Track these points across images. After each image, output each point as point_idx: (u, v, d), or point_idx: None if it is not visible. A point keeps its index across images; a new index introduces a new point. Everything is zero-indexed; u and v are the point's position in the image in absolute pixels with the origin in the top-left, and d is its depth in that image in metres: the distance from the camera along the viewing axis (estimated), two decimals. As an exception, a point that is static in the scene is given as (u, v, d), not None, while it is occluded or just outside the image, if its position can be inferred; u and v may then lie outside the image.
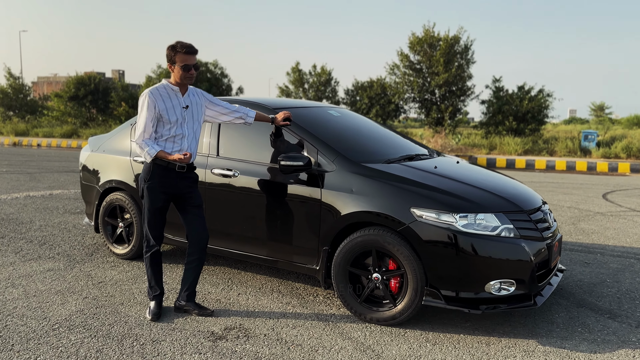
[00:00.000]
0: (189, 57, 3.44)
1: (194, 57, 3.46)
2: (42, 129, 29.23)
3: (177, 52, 3.43)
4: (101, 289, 4.14)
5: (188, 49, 3.43)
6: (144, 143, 3.43)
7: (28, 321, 3.50)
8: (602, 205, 8.62)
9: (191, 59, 3.45)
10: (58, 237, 5.80)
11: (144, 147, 3.43)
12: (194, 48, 3.46)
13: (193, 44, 3.46)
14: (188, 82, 3.51)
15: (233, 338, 3.28)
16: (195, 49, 3.47)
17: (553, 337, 3.37)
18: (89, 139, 5.60)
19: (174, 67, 3.46)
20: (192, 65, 3.44)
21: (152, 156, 3.42)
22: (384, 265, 3.50)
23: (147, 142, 3.43)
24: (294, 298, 4.01)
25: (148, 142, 3.43)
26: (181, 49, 3.42)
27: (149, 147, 3.42)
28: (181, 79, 3.46)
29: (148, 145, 3.42)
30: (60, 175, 11.54)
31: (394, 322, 3.45)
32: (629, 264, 5.06)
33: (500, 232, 3.32)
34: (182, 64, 3.42)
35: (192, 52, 3.45)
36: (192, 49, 3.45)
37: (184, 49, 3.42)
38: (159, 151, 3.43)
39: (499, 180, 4.03)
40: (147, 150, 3.42)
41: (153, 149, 3.42)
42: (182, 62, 3.42)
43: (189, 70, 3.44)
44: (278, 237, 3.98)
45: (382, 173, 3.64)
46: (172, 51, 3.45)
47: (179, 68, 3.43)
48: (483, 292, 3.28)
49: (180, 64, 3.42)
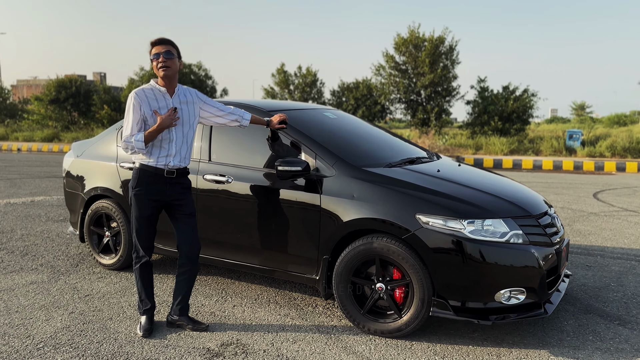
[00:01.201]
0: (158, 47, 3.32)
1: (163, 46, 3.32)
2: (22, 133, 28.64)
3: (151, 47, 3.35)
4: (88, 303, 3.92)
5: (158, 39, 3.35)
6: (129, 137, 3.25)
7: (10, 340, 3.28)
8: (594, 205, 8.58)
9: (160, 47, 3.31)
10: (41, 247, 5.55)
11: (130, 140, 3.24)
12: (162, 38, 3.35)
13: (166, 37, 3.37)
14: (165, 73, 3.30)
15: (230, 355, 3.10)
16: (165, 39, 3.35)
17: (564, 346, 3.24)
18: (73, 144, 5.36)
19: (152, 63, 3.35)
20: (160, 52, 3.29)
21: (142, 141, 3.22)
22: (388, 275, 3.35)
23: (130, 136, 3.25)
24: (292, 309, 3.84)
25: (130, 136, 3.25)
26: (151, 42, 3.35)
27: (134, 137, 3.23)
28: (156, 68, 3.32)
29: (132, 137, 3.24)
30: (42, 181, 11.20)
31: (399, 334, 3.30)
32: (631, 266, 4.98)
33: (509, 238, 3.18)
34: (153, 53, 3.32)
35: (161, 42, 3.33)
36: (161, 39, 3.35)
37: (154, 40, 3.35)
38: (144, 133, 3.25)
39: (504, 183, 3.90)
40: (135, 138, 3.23)
41: (139, 135, 3.23)
42: (153, 53, 3.32)
43: (158, 57, 3.29)
44: (275, 246, 3.80)
45: (385, 178, 3.48)
46: (149, 49, 3.36)
47: (152, 61, 3.33)
48: (492, 301, 3.14)
49: (151, 55, 3.33)
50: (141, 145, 3.22)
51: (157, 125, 3.24)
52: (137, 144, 3.22)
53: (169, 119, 3.27)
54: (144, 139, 3.22)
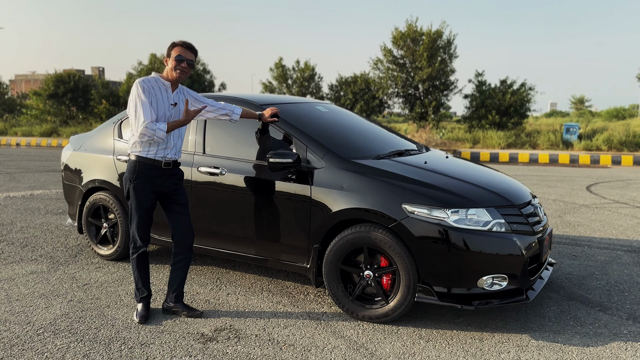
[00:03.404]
0: (185, 51, 3.44)
1: (190, 53, 3.45)
2: (21, 127, 28.73)
3: (175, 45, 3.45)
4: (86, 292, 4.04)
5: (187, 43, 3.47)
6: (152, 124, 3.30)
7: (11, 326, 3.39)
8: (586, 197, 8.70)
9: (187, 53, 3.44)
10: (40, 238, 5.66)
11: (153, 127, 3.29)
12: (191, 45, 3.48)
13: (193, 44, 3.48)
14: (178, 76, 3.42)
15: (224, 339, 3.22)
16: (193, 47, 3.49)
17: (546, 331, 3.37)
18: (71, 138, 5.46)
19: (169, 59, 3.44)
20: (185, 59, 3.41)
21: (164, 131, 3.31)
22: (376, 263, 3.47)
23: (153, 124, 3.31)
24: (284, 297, 3.96)
25: (153, 124, 3.31)
26: (180, 43, 3.45)
27: (158, 125, 3.31)
28: (172, 69, 3.42)
29: (156, 125, 3.31)
30: (41, 175, 11.31)
31: (386, 320, 3.42)
32: (616, 256, 5.10)
33: (491, 227, 3.30)
34: (176, 54, 3.41)
35: (190, 48, 3.46)
36: (190, 45, 3.48)
37: (182, 43, 3.45)
38: (168, 123, 3.36)
39: (489, 174, 4.02)
40: (158, 127, 3.30)
41: (162, 124, 3.33)
42: (176, 54, 3.41)
43: (181, 61, 3.40)
44: (267, 236, 3.91)
45: (373, 169, 3.59)
46: (171, 45, 3.47)
47: (172, 59, 3.42)
48: (475, 287, 3.26)
49: (174, 55, 3.41)
50: (162, 135, 3.32)
51: (184, 119, 3.39)
52: (159, 133, 3.31)
53: (195, 114, 3.43)
54: (167, 129, 3.33)
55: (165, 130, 3.33)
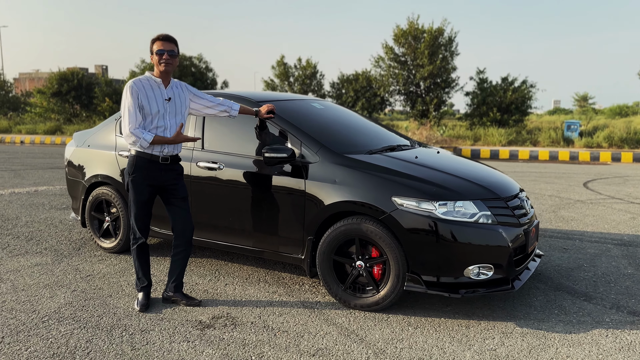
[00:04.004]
0: (163, 43, 3.55)
1: (168, 44, 3.56)
2: (25, 125, 28.95)
3: (154, 41, 3.57)
4: (89, 282, 4.19)
5: (163, 35, 3.58)
6: (138, 131, 3.46)
7: (17, 314, 3.54)
8: (582, 193, 8.81)
9: (165, 44, 3.55)
10: (45, 232, 5.82)
11: (139, 135, 3.45)
12: (168, 36, 3.59)
13: (171, 34, 3.59)
14: (164, 68, 3.55)
15: (220, 326, 3.36)
16: (171, 37, 3.59)
17: (530, 319, 3.50)
18: (74, 134, 5.61)
19: (153, 56, 3.58)
20: (165, 50, 3.53)
21: (149, 142, 3.46)
22: (367, 253, 3.60)
23: (140, 130, 3.46)
24: (280, 287, 4.10)
25: (140, 130, 3.47)
26: (157, 37, 3.57)
27: (144, 134, 3.46)
28: (157, 63, 3.55)
29: (142, 133, 3.46)
30: (45, 172, 11.48)
31: (377, 308, 3.56)
32: (606, 249, 5.22)
33: (478, 218, 3.43)
34: (157, 48, 3.54)
35: (166, 39, 3.57)
36: (167, 36, 3.58)
37: (160, 36, 3.57)
38: (155, 136, 3.49)
39: (477, 169, 4.14)
40: (143, 136, 3.45)
41: (149, 135, 3.47)
42: (157, 48, 3.54)
43: (162, 54, 3.53)
44: (264, 228, 4.05)
45: (364, 163, 3.72)
46: (151, 42, 3.59)
47: (155, 55, 3.55)
48: (462, 276, 3.40)
49: (155, 50, 3.54)
50: (146, 145, 3.47)
51: (172, 139, 3.53)
52: (143, 142, 3.46)
53: (182, 139, 3.56)
54: (152, 141, 3.47)
55: (149, 141, 3.47)
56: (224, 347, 3.08)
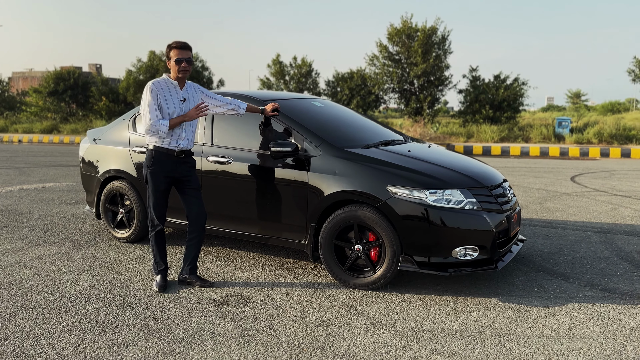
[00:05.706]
0: (181, 51, 3.88)
1: (185, 52, 3.90)
2: (21, 125, 29.11)
3: (171, 48, 3.90)
4: (108, 268, 4.54)
5: (180, 44, 3.90)
6: (157, 121, 3.81)
7: (46, 296, 3.89)
8: (569, 186, 9.22)
9: (183, 53, 3.88)
10: (59, 225, 6.16)
11: (158, 124, 3.80)
12: (186, 44, 3.92)
13: (187, 42, 3.92)
14: (182, 75, 3.90)
15: (233, 303, 3.73)
16: (188, 45, 3.93)
17: (512, 295, 3.88)
18: (88, 132, 5.95)
19: (170, 62, 3.89)
20: (184, 58, 3.87)
21: (167, 126, 3.80)
22: (365, 238, 3.97)
23: (158, 121, 3.81)
24: (285, 270, 4.47)
25: (157, 121, 3.81)
26: (175, 45, 3.89)
27: (161, 121, 3.81)
28: (176, 71, 3.89)
29: (160, 121, 3.81)
30: (49, 170, 11.78)
31: (374, 287, 3.93)
32: (586, 236, 5.62)
33: (464, 205, 3.81)
34: (175, 57, 3.86)
35: (184, 47, 3.90)
36: (184, 44, 3.91)
37: (177, 44, 3.89)
38: (170, 119, 3.84)
39: (464, 161, 4.53)
40: (161, 122, 3.80)
41: (165, 120, 3.82)
42: (175, 57, 3.86)
43: (180, 63, 3.86)
44: (269, 217, 4.42)
45: (362, 156, 4.10)
46: (168, 48, 3.92)
47: (173, 62, 3.88)
48: (450, 257, 3.78)
49: (174, 58, 3.86)
50: (165, 129, 3.82)
51: (184, 116, 3.88)
52: (162, 127, 3.81)
53: (195, 112, 3.90)
54: (169, 125, 3.82)
55: (167, 125, 3.83)
56: (238, 320, 3.45)
